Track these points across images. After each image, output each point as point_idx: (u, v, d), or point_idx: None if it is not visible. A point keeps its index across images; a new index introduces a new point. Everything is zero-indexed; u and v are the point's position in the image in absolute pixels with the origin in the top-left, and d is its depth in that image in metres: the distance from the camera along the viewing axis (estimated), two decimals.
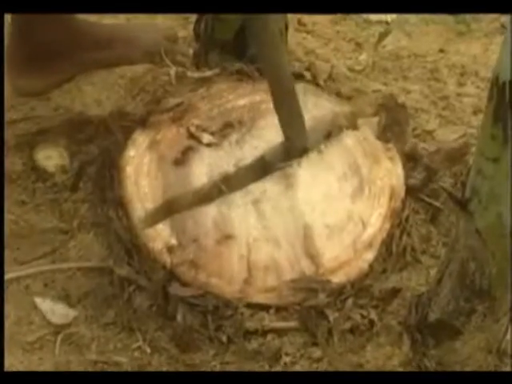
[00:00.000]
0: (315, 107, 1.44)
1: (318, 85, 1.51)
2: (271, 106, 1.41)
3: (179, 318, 1.21)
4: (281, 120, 1.35)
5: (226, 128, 1.41)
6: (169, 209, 1.31)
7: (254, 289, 1.23)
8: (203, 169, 1.35)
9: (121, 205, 1.33)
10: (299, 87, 1.46)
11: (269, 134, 1.39)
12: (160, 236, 1.28)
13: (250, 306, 1.22)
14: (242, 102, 1.46)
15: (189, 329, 1.21)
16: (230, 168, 1.35)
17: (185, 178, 1.34)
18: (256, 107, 1.44)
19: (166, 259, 1.25)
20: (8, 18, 1.52)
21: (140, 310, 1.24)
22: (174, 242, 1.27)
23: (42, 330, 1.24)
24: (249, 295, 1.23)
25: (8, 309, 1.23)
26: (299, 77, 1.51)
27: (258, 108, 1.44)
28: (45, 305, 1.26)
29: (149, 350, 1.21)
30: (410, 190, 1.36)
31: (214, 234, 1.27)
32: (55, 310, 1.25)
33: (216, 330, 1.21)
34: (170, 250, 1.26)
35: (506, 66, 0.93)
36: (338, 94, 1.51)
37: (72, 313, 1.25)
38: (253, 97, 1.46)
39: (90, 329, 1.24)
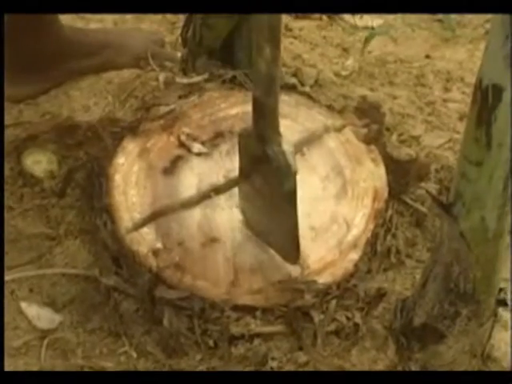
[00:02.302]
0: (307, 120, 1.45)
1: (309, 96, 1.51)
2: None
3: (165, 322, 1.21)
4: None
5: (217, 138, 1.41)
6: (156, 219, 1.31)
7: (241, 291, 1.24)
8: (192, 179, 1.35)
9: (108, 213, 1.32)
10: (291, 99, 1.47)
11: None
12: (145, 240, 1.28)
13: (236, 308, 1.22)
14: (233, 111, 1.45)
15: (175, 333, 1.21)
16: (219, 179, 1.35)
17: (173, 188, 1.34)
18: (248, 117, 1.43)
19: (152, 263, 1.25)
20: None
21: (126, 315, 1.23)
22: (159, 245, 1.27)
23: (27, 335, 1.23)
24: (235, 297, 1.23)
25: None
26: (292, 88, 1.51)
27: (250, 118, 1.43)
28: (31, 310, 1.26)
29: (135, 355, 1.21)
30: (394, 192, 1.37)
31: (199, 237, 1.27)
32: (41, 315, 1.25)
33: (202, 334, 1.21)
34: (156, 253, 1.26)
35: (489, 69, 0.94)
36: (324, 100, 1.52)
37: (58, 318, 1.25)
38: (245, 106, 1.44)
39: (76, 334, 1.24)
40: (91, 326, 1.24)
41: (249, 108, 1.42)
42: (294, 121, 1.44)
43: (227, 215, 1.30)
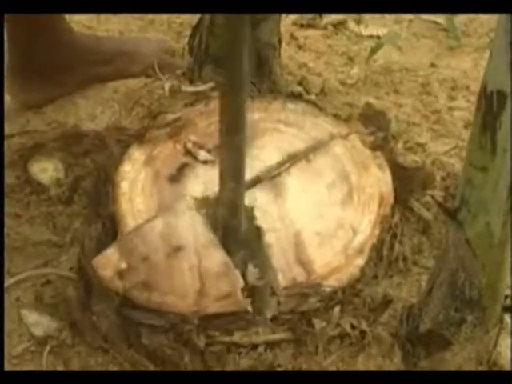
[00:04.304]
0: (313, 128, 1.45)
1: (315, 105, 1.51)
2: (269, 125, 1.41)
3: (144, 340, 1.19)
4: None
5: None
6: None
7: (208, 299, 1.20)
8: (198, 187, 1.35)
9: (114, 221, 1.32)
10: (298, 108, 1.48)
11: (265, 154, 1.39)
12: (109, 262, 1.23)
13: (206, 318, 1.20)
14: None
15: (159, 347, 1.19)
16: None
17: (179, 195, 1.33)
18: (254, 125, 1.42)
19: (118, 285, 1.21)
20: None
21: (108, 332, 1.22)
22: (123, 265, 1.22)
23: (26, 342, 1.23)
24: (203, 307, 1.20)
25: None
26: (297, 96, 1.52)
27: (256, 126, 1.43)
28: (31, 317, 1.25)
29: (129, 367, 1.19)
30: (400, 199, 1.37)
31: (163, 249, 1.23)
32: (41, 323, 1.24)
33: (185, 345, 1.18)
34: (121, 274, 1.21)
35: (494, 75, 0.94)
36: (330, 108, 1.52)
37: (57, 325, 1.24)
38: (251, 115, 1.45)
39: (72, 343, 1.22)
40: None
41: (255, 116, 1.44)
42: (300, 129, 1.44)
43: (188, 219, 1.26)
